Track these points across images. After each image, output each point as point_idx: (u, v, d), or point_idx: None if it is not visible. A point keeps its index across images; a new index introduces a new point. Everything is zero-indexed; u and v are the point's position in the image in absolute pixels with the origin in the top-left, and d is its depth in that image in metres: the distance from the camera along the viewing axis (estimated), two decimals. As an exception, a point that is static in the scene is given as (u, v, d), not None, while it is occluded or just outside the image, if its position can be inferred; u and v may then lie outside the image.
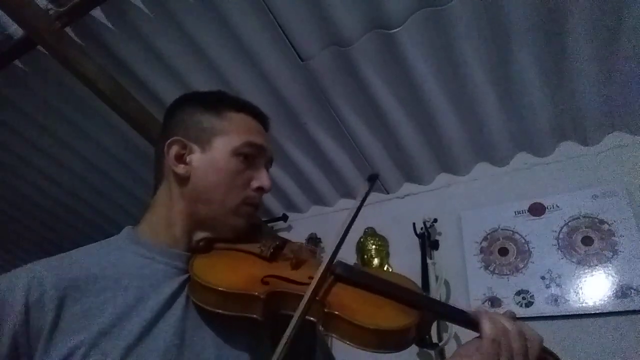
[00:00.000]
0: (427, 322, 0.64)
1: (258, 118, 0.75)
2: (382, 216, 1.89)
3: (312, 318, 0.56)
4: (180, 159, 0.69)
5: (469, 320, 0.58)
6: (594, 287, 1.34)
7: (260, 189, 0.70)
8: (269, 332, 0.64)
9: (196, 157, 0.69)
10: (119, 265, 0.63)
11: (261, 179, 0.70)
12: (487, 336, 0.54)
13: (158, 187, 0.72)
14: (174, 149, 0.69)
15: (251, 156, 0.70)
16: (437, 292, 1.50)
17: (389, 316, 0.57)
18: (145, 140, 1.74)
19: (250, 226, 0.73)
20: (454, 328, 1.41)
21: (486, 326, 0.55)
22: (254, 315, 0.56)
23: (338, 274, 0.62)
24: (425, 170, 1.79)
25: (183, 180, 0.68)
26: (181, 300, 0.62)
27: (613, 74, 1.32)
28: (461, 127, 1.58)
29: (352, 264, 0.68)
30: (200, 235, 0.69)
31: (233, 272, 0.62)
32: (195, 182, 0.68)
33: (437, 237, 1.69)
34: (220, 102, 0.73)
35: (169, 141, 0.69)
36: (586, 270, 1.37)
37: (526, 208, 1.55)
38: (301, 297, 0.56)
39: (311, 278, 0.59)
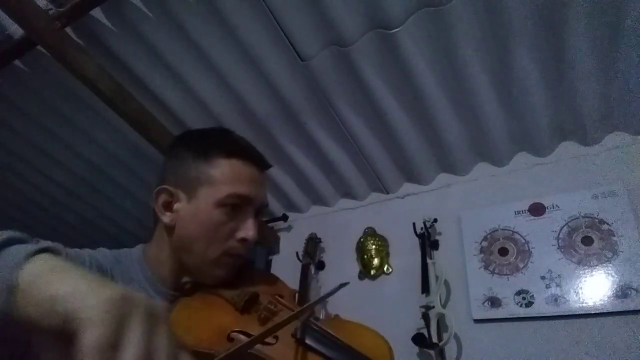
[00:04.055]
0: None
1: (251, 162, 0.72)
2: (382, 216, 1.89)
3: None
4: (167, 207, 0.70)
5: None
6: (594, 287, 1.34)
7: (244, 240, 0.69)
8: None
9: (182, 207, 0.69)
10: (126, 284, 0.65)
11: (246, 230, 0.69)
12: None
13: (155, 225, 0.74)
14: (162, 198, 0.70)
15: (237, 206, 0.69)
16: (437, 292, 1.50)
17: None
18: (145, 140, 1.74)
19: (240, 267, 0.73)
20: (454, 328, 1.41)
21: None
22: None
23: (299, 338, 0.61)
24: (425, 170, 1.79)
25: (169, 228, 0.69)
26: None
27: (613, 73, 1.32)
28: (461, 127, 1.58)
29: (318, 322, 0.67)
30: (186, 278, 0.71)
31: (204, 324, 0.63)
32: (180, 232, 0.68)
33: (437, 237, 1.69)
34: (211, 147, 0.71)
35: (156, 190, 0.70)
36: (586, 270, 1.37)
37: (526, 208, 1.55)
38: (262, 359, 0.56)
39: (276, 338, 0.60)
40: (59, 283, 0.32)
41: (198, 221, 0.67)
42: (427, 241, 1.65)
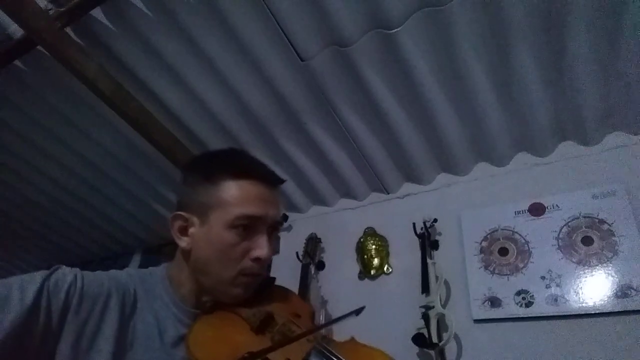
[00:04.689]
0: None
1: (259, 181, 0.73)
2: (382, 216, 1.89)
3: None
4: (183, 231, 0.72)
5: None
6: (594, 287, 1.34)
7: (258, 260, 0.70)
8: None
9: (196, 231, 0.71)
10: (150, 303, 0.70)
11: (259, 249, 0.70)
12: None
13: (176, 247, 0.76)
14: (177, 223, 0.72)
15: (249, 226, 0.70)
16: (437, 292, 1.50)
17: None
18: (145, 140, 1.74)
19: (261, 285, 0.75)
20: (454, 328, 1.41)
21: None
22: None
23: None
24: (425, 170, 1.79)
25: (186, 252, 0.72)
26: (179, 352, 0.66)
27: (613, 73, 1.32)
28: (461, 127, 1.58)
29: (331, 344, 0.67)
30: (206, 297, 0.72)
31: (219, 344, 0.65)
32: (195, 255, 0.71)
33: (437, 237, 1.69)
34: (219, 170, 0.73)
35: (172, 216, 0.73)
36: (586, 270, 1.37)
37: (526, 208, 1.55)
38: None
39: None
40: None
41: (211, 244, 0.69)
42: (427, 241, 1.65)
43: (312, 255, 1.88)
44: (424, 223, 1.68)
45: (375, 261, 1.78)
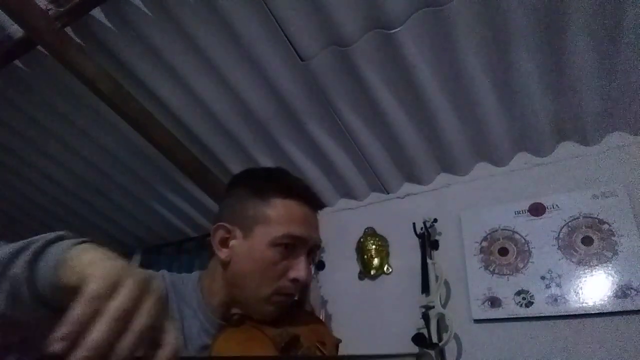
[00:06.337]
0: None
1: (306, 203, 0.75)
2: (382, 216, 1.89)
3: None
4: (224, 243, 0.72)
5: None
6: (594, 287, 1.34)
7: (296, 281, 0.71)
8: None
9: (238, 243, 0.71)
10: (178, 308, 0.70)
11: (298, 270, 0.71)
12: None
13: (211, 257, 0.76)
14: (219, 234, 0.72)
15: (291, 246, 0.71)
16: (437, 292, 1.50)
17: None
18: (145, 140, 1.74)
19: (289, 307, 0.75)
20: (454, 328, 1.41)
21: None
22: None
23: None
24: (425, 170, 1.79)
25: (224, 263, 0.72)
26: None
27: (613, 74, 1.32)
28: (461, 127, 1.58)
29: None
30: (235, 310, 0.72)
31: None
32: (234, 268, 0.71)
33: (437, 237, 1.69)
34: (269, 187, 0.74)
35: (215, 226, 0.73)
36: (586, 270, 1.37)
37: (526, 208, 1.55)
38: None
39: None
40: (86, 256, 0.42)
41: (252, 258, 0.70)
42: (427, 241, 1.65)
43: (312, 255, 1.88)
44: (424, 223, 1.68)
45: (375, 261, 1.78)
